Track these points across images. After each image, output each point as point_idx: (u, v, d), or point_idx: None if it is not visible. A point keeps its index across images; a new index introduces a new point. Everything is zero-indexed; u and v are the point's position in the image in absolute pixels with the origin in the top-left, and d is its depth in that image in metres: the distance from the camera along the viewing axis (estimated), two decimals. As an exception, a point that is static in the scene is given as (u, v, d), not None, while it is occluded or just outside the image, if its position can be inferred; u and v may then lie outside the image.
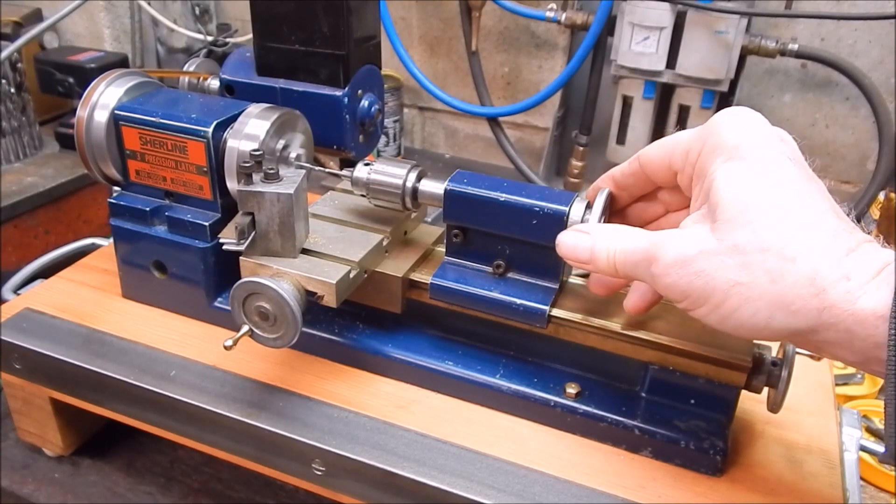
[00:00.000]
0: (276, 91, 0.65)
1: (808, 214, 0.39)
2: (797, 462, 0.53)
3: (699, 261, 0.40)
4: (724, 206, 0.40)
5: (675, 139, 0.47)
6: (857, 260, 0.37)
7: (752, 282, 0.39)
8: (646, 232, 0.45)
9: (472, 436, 0.54)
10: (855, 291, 0.37)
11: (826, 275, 0.37)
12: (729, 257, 0.39)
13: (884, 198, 1.03)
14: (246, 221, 0.52)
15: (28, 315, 0.65)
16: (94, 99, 0.62)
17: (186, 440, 0.59)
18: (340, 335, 0.60)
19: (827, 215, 0.39)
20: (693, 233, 0.41)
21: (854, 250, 0.38)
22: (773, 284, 0.38)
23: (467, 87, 1.38)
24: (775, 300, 0.38)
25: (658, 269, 0.42)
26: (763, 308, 0.39)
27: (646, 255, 0.43)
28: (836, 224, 0.39)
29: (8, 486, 0.66)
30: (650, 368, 0.53)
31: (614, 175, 0.51)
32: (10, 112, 1.11)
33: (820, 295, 0.37)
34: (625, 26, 1.12)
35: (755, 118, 0.43)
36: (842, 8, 1.14)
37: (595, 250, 0.46)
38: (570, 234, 0.48)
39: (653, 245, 0.43)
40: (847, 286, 0.37)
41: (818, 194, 0.40)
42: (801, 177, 0.40)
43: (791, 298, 0.38)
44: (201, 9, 1.48)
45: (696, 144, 0.44)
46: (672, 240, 0.42)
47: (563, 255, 0.48)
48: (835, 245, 0.38)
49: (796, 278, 0.38)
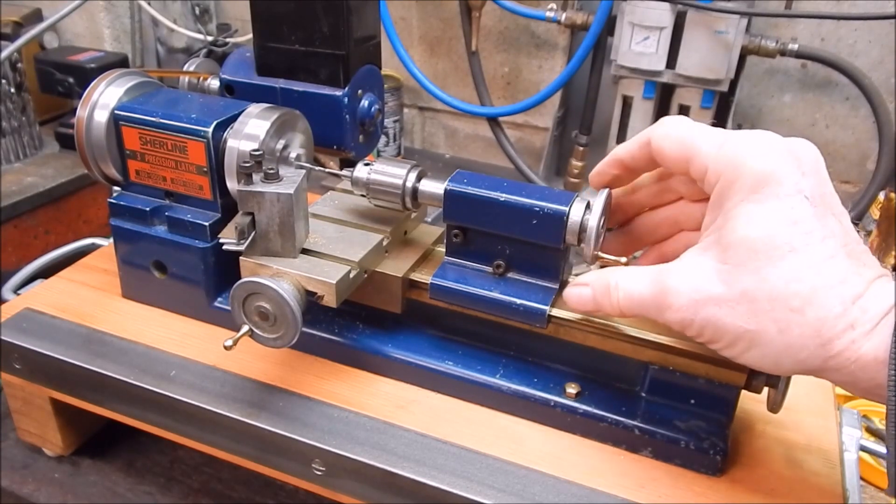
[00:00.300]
0: (276, 91, 0.65)
1: (816, 262, 0.39)
2: (797, 462, 0.53)
3: (709, 307, 0.41)
4: (735, 250, 0.40)
5: (694, 144, 0.45)
6: (862, 307, 0.38)
7: (760, 330, 0.40)
8: (647, 272, 0.45)
9: (472, 436, 0.54)
10: (859, 340, 0.38)
11: (832, 326, 0.38)
12: (738, 304, 0.40)
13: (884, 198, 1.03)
14: (246, 221, 0.52)
15: (28, 315, 0.65)
16: (94, 99, 0.62)
17: (186, 440, 0.59)
18: (340, 335, 0.60)
19: (836, 259, 0.39)
20: (702, 274, 0.42)
21: (861, 296, 0.39)
22: (781, 335, 0.39)
23: (467, 87, 1.38)
24: (783, 348, 0.40)
25: (670, 315, 0.43)
26: (771, 354, 0.40)
27: (654, 301, 0.44)
28: (845, 268, 0.39)
29: (8, 486, 0.66)
30: (650, 368, 0.53)
31: (622, 158, 0.50)
32: (10, 112, 1.11)
33: (826, 345, 0.39)
34: (625, 26, 1.12)
35: (778, 152, 0.41)
36: (842, 8, 1.14)
37: (598, 302, 0.47)
38: (571, 291, 0.49)
39: (660, 291, 0.43)
40: (852, 336, 0.38)
41: (830, 236, 0.40)
42: (815, 217, 0.40)
43: (797, 348, 0.39)
44: (201, 9, 1.48)
45: (717, 167, 0.43)
46: (680, 281, 0.43)
47: (573, 310, 0.51)
48: (842, 293, 0.39)
49: (803, 330, 0.39)
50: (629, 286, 0.45)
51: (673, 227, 0.52)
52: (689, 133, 0.45)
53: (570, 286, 0.49)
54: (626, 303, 0.45)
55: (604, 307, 0.47)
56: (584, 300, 0.48)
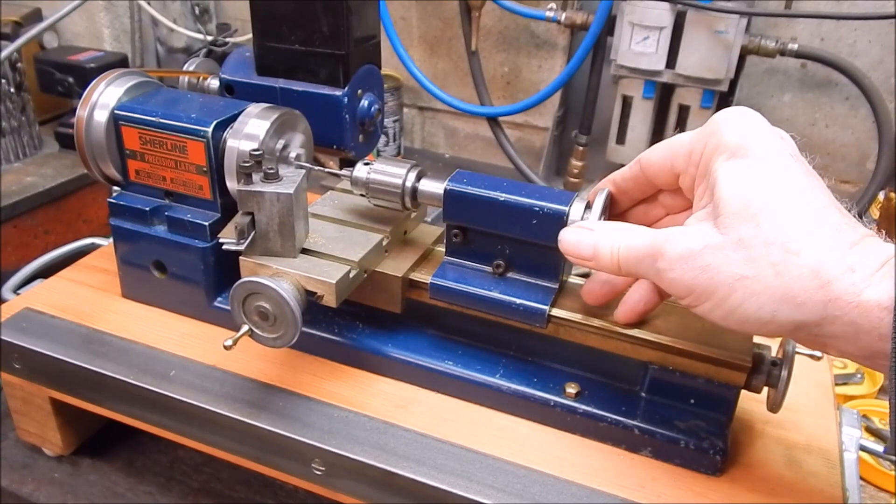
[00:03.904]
0: (275, 91, 0.65)
1: (810, 209, 0.39)
2: (797, 462, 0.53)
3: (704, 255, 0.40)
4: (727, 202, 0.40)
5: (676, 141, 0.47)
6: (860, 253, 0.38)
7: (757, 275, 0.39)
8: (649, 229, 0.45)
9: (472, 436, 0.54)
10: (859, 283, 0.37)
11: (830, 267, 0.37)
12: (734, 251, 0.39)
13: (884, 197, 1.03)
14: (246, 221, 0.52)
15: (28, 315, 0.65)
16: (93, 99, 0.62)
17: (186, 440, 0.59)
18: (340, 335, 0.60)
19: (829, 210, 0.39)
20: (698, 229, 0.42)
21: (857, 244, 0.38)
22: (778, 277, 0.38)
23: (467, 87, 1.38)
24: (780, 293, 0.38)
25: (663, 264, 0.42)
26: (768, 301, 0.39)
27: (650, 251, 0.43)
28: (838, 218, 0.39)
29: (8, 486, 0.66)
30: (650, 368, 0.53)
31: (615, 179, 0.52)
32: (10, 112, 1.11)
33: (825, 287, 0.37)
34: (624, 26, 1.12)
35: (755, 117, 0.43)
36: (842, 8, 1.13)
37: (598, 247, 0.46)
38: (573, 231, 0.48)
39: (657, 241, 0.43)
40: (852, 278, 0.37)
41: (819, 190, 0.40)
42: (802, 172, 0.41)
43: (796, 291, 0.38)
44: (201, 8, 1.48)
45: (699, 145, 0.45)
46: (677, 235, 0.42)
47: (566, 251, 0.48)
48: (838, 238, 0.38)
49: (801, 271, 0.38)
50: (629, 238, 0.45)
51: (663, 213, 0.52)
52: (672, 139, 0.48)
53: (573, 226, 0.49)
54: (625, 253, 0.45)
55: (601, 257, 0.46)
56: (584, 245, 0.47)
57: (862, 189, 1.12)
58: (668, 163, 0.47)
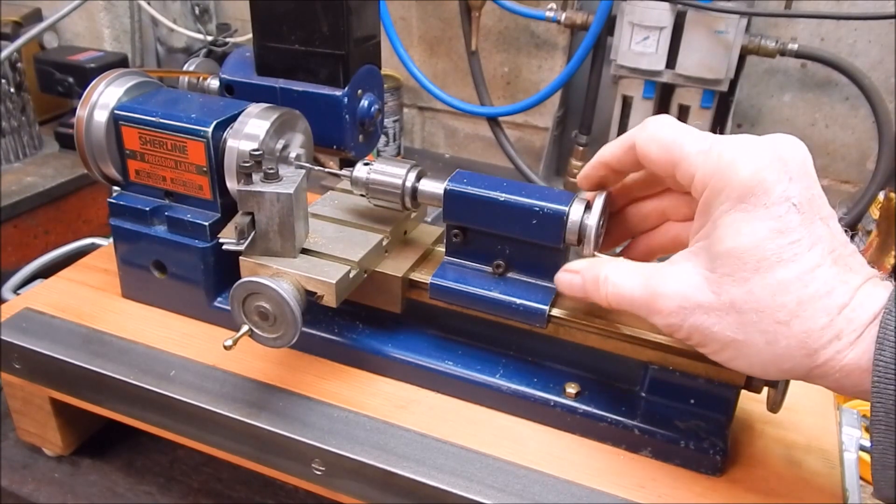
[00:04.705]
0: (275, 91, 0.65)
1: (803, 273, 0.39)
2: (797, 462, 0.53)
3: (697, 314, 0.42)
4: (723, 261, 0.41)
5: (680, 150, 0.44)
6: (848, 317, 0.39)
7: (747, 341, 0.41)
8: (638, 271, 0.45)
9: (472, 436, 0.54)
10: (844, 350, 0.39)
11: (817, 337, 0.39)
12: (726, 314, 0.41)
13: (884, 198, 1.03)
14: (246, 221, 0.52)
15: (28, 315, 0.65)
16: (93, 99, 0.62)
17: (186, 440, 0.59)
18: (340, 335, 0.60)
19: (822, 268, 0.39)
20: (691, 281, 0.42)
21: (847, 305, 0.39)
22: (768, 346, 0.40)
23: (467, 87, 1.38)
24: (769, 358, 0.41)
25: (658, 319, 0.44)
26: (757, 363, 0.42)
27: (644, 303, 0.44)
28: (831, 276, 0.39)
29: (8, 486, 0.66)
30: (650, 368, 0.53)
31: (608, 161, 0.50)
32: (10, 112, 1.11)
33: (811, 356, 0.40)
34: (624, 26, 1.12)
35: (765, 159, 0.41)
36: (842, 8, 1.13)
37: (587, 291, 0.48)
38: (562, 276, 0.50)
39: (650, 295, 0.44)
40: (837, 346, 0.39)
41: (818, 242, 0.40)
42: (802, 224, 0.40)
43: (784, 359, 0.40)
44: (201, 8, 1.48)
45: (704, 175, 0.42)
46: (670, 287, 0.43)
47: (562, 293, 0.51)
48: (828, 304, 0.39)
49: (789, 342, 0.40)
50: (619, 282, 0.45)
51: (660, 217, 0.52)
52: (675, 138, 0.44)
53: (561, 271, 0.50)
54: (614, 298, 0.46)
55: (592, 297, 0.47)
56: (574, 287, 0.49)
57: (862, 189, 1.12)
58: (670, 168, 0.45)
